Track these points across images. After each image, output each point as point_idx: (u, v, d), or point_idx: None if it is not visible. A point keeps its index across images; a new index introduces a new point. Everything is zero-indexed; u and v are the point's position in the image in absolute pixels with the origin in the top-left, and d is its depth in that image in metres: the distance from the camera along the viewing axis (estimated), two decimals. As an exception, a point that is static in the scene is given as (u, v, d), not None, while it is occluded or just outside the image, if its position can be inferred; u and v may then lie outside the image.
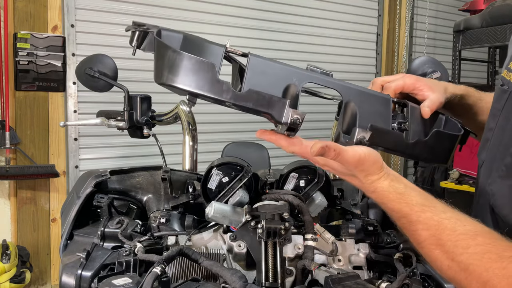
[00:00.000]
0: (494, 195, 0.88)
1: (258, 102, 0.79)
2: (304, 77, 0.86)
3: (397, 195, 0.79)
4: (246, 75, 0.82)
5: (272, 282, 0.95)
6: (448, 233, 0.72)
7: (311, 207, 1.15)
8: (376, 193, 0.80)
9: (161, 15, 3.53)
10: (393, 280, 0.93)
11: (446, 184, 4.07)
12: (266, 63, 0.84)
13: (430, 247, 0.73)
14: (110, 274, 0.96)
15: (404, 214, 0.77)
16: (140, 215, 1.31)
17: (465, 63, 4.55)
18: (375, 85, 1.01)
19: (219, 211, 1.02)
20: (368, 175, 0.80)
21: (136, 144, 3.25)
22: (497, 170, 0.88)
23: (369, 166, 0.80)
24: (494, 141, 0.93)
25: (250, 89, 0.79)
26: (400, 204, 0.78)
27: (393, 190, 0.79)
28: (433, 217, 0.75)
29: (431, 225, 0.74)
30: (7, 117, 2.96)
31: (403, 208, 0.77)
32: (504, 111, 0.91)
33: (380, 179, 0.80)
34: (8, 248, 2.89)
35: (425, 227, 0.74)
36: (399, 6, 4.90)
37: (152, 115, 1.53)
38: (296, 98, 0.84)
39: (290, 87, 0.85)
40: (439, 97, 0.97)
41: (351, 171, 0.81)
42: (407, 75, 1.01)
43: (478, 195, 0.97)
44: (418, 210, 0.76)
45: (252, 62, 0.83)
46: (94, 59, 1.48)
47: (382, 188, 0.80)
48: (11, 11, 2.96)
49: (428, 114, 0.94)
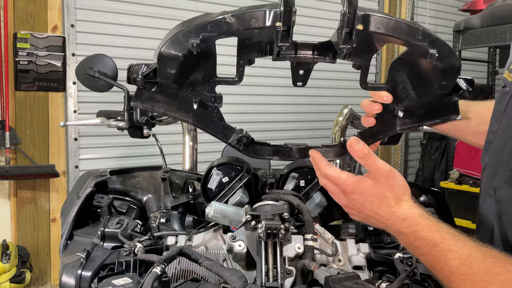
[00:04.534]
0: (501, 201, 0.87)
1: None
2: None
3: (430, 222, 0.77)
4: None
5: (272, 282, 0.95)
6: (479, 262, 0.71)
7: (311, 207, 1.15)
8: (408, 220, 0.77)
9: (161, 15, 3.53)
10: (393, 280, 0.93)
11: (446, 184, 4.07)
12: None
13: (461, 277, 0.71)
14: (110, 274, 0.96)
15: (436, 243, 0.74)
16: (140, 215, 1.31)
17: (465, 63, 4.55)
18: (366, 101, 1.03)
19: (219, 211, 1.02)
20: (399, 199, 0.78)
21: (136, 144, 3.25)
22: (502, 175, 0.87)
23: (398, 186, 0.78)
24: (497, 144, 0.92)
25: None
26: (432, 232, 0.75)
27: (425, 217, 0.77)
28: (464, 246, 0.73)
29: (462, 253, 0.72)
30: (7, 117, 2.96)
31: (435, 237, 0.75)
32: (506, 113, 0.90)
33: (411, 206, 0.78)
34: (8, 248, 2.89)
35: (456, 256, 0.72)
36: (399, 6, 4.91)
37: (152, 115, 1.53)
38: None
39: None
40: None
41: (382, 190, 0.78)
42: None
43: (481, 199, 0.96)
44: (449, 238, 0.74)
45: None
46: (94, 59, 1.48)
47: (413, 215, 0.77)
48: (11, 11, 2.96)
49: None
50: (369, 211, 0.81)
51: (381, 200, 0.79)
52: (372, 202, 0.80)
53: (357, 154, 0.80)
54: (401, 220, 0.78)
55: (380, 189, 0.79)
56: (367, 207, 0.80)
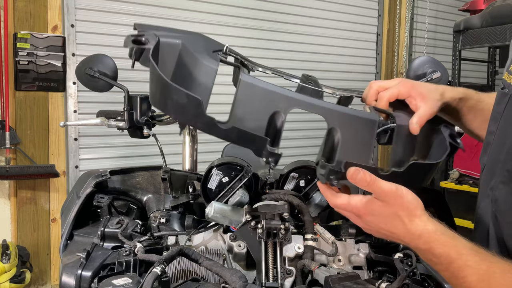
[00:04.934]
0: (497, 201, 0.87)
1: (240, 138, 0.81)
2: (291, 103, 0.86)
3: (445, 237, 0.75)
4: (235, 102, 0.83)
5: (272, 282, 0.95)
6: (497, 278, 0.69)
7: (311, 207, 1.15)
8: (423, 238, 0.75)
9: (161, 15, 3.53)
10: (393, 280, 0.93)
11: (446, 184, 4.06)
12: (254, 88, 0.85)
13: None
14: (110, 274, 0.96)
15: (452, 259, 0.73)
16: (140, 215, 1.31)
17: (465, 63, 4.54)
18: (371, 90, 1.00)
19: (219, 211, 1.02)
20: (412, 216, 0.76)
21: (136, 144, 3.25)
22: (499, 175, 0.87)
23: (408, 203, 0.76)
24: (495, 144, 0.93)
25: (233, 127, 0.81)
26: (448, 248, 0.74)
27: (440, 233, 0.75)
28: (482, 261, 0.71)
29: (480, 269, 0.71)
30: (7, 117, 2.96)
31: (451, 252, 0.73)
32: (505, 114, 0.91)
33: (425, 222, 0.76)
34: (8, 248, 2.88)
35: (474, 272, 0.71)
36: (399, 6, 4.90)
37: (152, 115, 1.53)
38: (281, 126, 0.86)
39: (276, 114, 0.85)
40: (430, 108, 0.94)
41: (393, 210, 0.77)
42: (403, 81, 0.98)
43: (479, 200, 0.96)
44: (466, 254, 0.72)
45: (242, 85, 0.84)
46: (94, 59, 1.48)
47: (428, 231, 0.75)
48: (11, 11, 2.95)
49: (417, 131, 0.92)
50: (385, 231, 0.80)
51: (394, 219, 0.78)
52: (386, 222, 0.79)
53: (361, 184, 0.79)
54: (417, 237, 0.76)
55: (390, 210, 0.77)
56: (383, 227, 0.79)
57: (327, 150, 0.89)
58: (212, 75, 0.93)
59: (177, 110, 0.81)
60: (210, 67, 0.93)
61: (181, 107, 0.80)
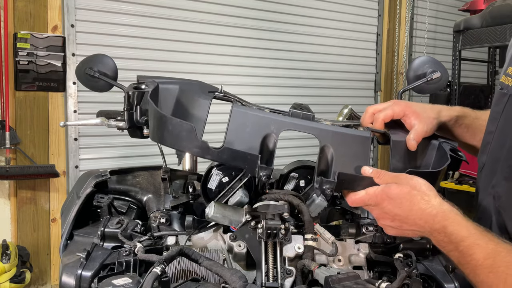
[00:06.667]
0: (500, 197, 0.88)
1: (232, 157, 0.90)
2: (282, 125, 0.95)
3: (459, 217, 0.80)
4: (228, 128, 0.93)
5: (272, 282, 0.95)
6: (503, 256, 0.73)
7: (311, 207, 1.15)
8: (439, 216, 0.80)
9: (161, 15, 3.53)
10: (393, 280, 0.93)
11: (446, 184, 4.06)
12: (246, 114, 0.95)
13: (485, 270, 0.74)
14: (110, 274, 0.96)
15: (463, 237, 0.77)
16: (140, 215, 1.31)
17: (465, 63, 4.55)
18: (367, 114, 1.06)
19: (219, 211, 1.02)
20: (427, 196, 0.82)
21: (136, 144, 3.25)
22: (501, 172, 0.89)
23: (421, 184, 0.83)
24: (495, 143, 0.94)
25: (225, 147, 0.90)
26: (461, 227, 0.78)
27: (455, 213, 0.80)
28: (490, 241, 0.76)
29: (488, 248, 0.75)
30: (7, 117, 2.96)
31: (463, 231, 0.78)
32: (504, 113, 0.92)
33: (441, 202, 0.82)
34: (8, 248, 2.88)
35: (481, 250, 0.75)
36: (399, 6, 4.90)
37: (152, 115, 1.53)
38: (273, 147, 0.94)
39: (268, 136, 0.94)
40: (425, 125, 0.99)
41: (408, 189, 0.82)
42: (396, 102, 1.04)
43: (480, 197, 0.97)
44: (476, 234, 0.77)
45: (234, 114, 0.94)
46: (94, 59, 1.48)
47: (444, 210, 0.80)
48: (11, 11, 2.95)
49: (414, 147, 0.98)
50: (401, 217, 0.83)
51: (409, 199, 0.82)
52: (401, 204, 0.82)
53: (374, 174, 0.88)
54: (432, 217, 0.81)
55: (405, 189, 0.82)
56: (398, 212, 0.83)
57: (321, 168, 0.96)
58: (205, 108, 1.04)
59: (173, 138, 0.89)
60: (203, 101, 1.04)
61: (176, 135, 0.89)
